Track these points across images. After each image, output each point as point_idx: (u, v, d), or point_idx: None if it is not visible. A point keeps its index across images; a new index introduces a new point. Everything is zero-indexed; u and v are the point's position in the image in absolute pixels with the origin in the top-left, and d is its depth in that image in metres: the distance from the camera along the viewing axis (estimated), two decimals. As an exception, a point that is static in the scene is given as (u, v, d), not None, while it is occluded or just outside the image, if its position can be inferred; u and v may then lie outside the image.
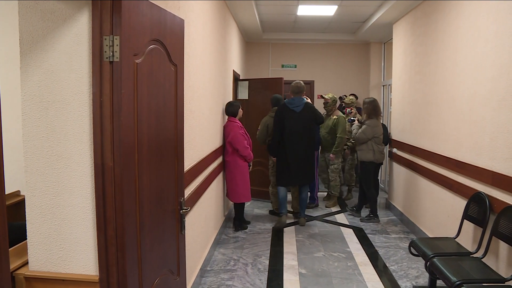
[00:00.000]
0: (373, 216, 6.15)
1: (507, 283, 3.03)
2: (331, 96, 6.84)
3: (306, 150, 5.84)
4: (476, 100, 3.92)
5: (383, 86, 9.17)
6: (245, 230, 5.69)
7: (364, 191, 6.31)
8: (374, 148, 6.02)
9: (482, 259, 3.40)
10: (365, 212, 6.49)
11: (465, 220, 3.90)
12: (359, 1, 6.46)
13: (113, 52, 1.95)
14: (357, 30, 8.73)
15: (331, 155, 6.69)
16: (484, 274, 3.14)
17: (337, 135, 6.63)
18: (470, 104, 4.05)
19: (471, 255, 3.54)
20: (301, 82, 6.05)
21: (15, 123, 2.71)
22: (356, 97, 8.67)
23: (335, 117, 6.71)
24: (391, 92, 7.60)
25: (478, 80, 3.89)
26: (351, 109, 7.10)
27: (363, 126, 6.05)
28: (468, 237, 3.96)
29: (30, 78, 2.00)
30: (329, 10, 7.07)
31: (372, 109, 6.07)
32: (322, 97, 7.04)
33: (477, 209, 3.71)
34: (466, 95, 4.14)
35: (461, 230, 3.94)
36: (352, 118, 6.42)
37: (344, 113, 7.21)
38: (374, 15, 7.15)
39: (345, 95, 8.27)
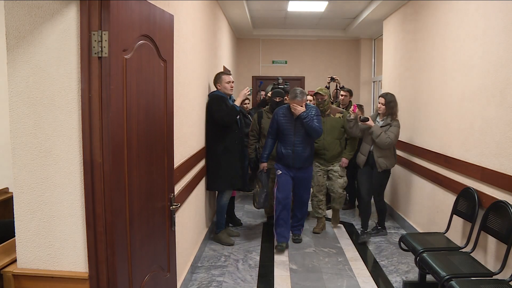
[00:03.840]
0: (381, 228, 5.38)
1: (495, 277, 3.06)
2: (325, 91, 5.31)
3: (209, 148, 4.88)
4: (465, 96, 3.95)
5: (373, 82, 9.21)
6: (237, 226, 5.67)
7: (365, 204, 5.23)
8: (395, 152, 5.16)
9: (471, 254, 3.44)
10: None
11: (454, 215, 3.93)
12: (350, -3, 6.48)
13: (101, 47, 1.93)
14: (347, 26, 8.74)
15: (344, 159, 5.37)
16: (473, 269, 3.17)
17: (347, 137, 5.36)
18: (459, 100, 4.08)
19: (460, 250, 3.58)
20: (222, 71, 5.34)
21: (3, 119, 2.69)
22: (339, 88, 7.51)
23: (339, 115, 5.30)
24: (381, 88, 7.63)
25: (467, 76, 3.92)
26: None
27: (392, 127, 4.90)
28: (457, 232, 3.99)
29: (17, 74, 1.97)
30: (319, 6, 7.08)
31: (396, 107, 5.03)
32: (317, 94, 5.28)
33: (466, 204, 3.74)
34: (456, 91, 4.16)
35: (451, 225, 3.97)
36: (365, 117, 4.97)
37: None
38: (364, 12, 7.16)
39: (336, 78, 6.65)
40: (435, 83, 4.75)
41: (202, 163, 4.62)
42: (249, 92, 4.93)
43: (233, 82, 4.95)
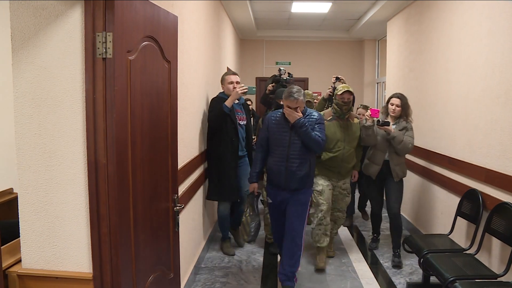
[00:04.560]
0: (399, 251, 4.57)
1: (499, 279, 3.05)
2: (351, 89, 4.29)
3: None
4: (469, 97, 3.94)
5: (377, 83, 9.20)
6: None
7: (379, 218, 4.92)
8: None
9: (475, 256, 3.42)
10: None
11: (458, 217, 3.92)
12: (353, -2, 6.48)
13: (106, 48, 1.93)
14: (351, 27, 8.74)
15: (355, 172, 4.59)
16: (477, 270, 3.16)
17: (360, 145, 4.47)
18: (463, 102, 4.07)
19: (464, 252, 3.56)
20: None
21: (8, 120, 2.70)
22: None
23: (357, 120, 4.40)
24: (385, 89, 7.61)
25: (471, 77, 3.91)
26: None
27: (409, 131, 4.39)
28: (461, 234, 3.98)
29: (22, 75, 1.98)
30: (323, 7, 7.07)
31: (410, 107, 4.52)
32: (345, 92, 4.22)
33: (470, 206, 3.73)
34: (460, 92, 4.15)
35: (455, 227, 3.96)
36: (386, 121, 4.28)
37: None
38: (368, 13, 7.16)
39: (341, 78, 5.12)
40: (439, 84, 4.74)
41: (205, 165, 4.62)
42: (245, 90, 4.27)
43: (237, 82, 4.45)
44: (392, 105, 4.48)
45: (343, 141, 4.23)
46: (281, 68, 4.98)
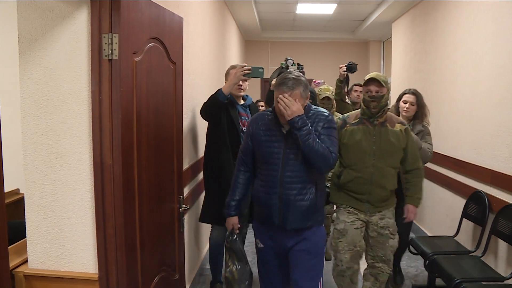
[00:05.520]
0: (399, 270, 4.07)
1: (506, 282, 3.03)
2: (383, 78, 3.01)
3: None
4: (475, 98, 3.92)
5: (382, 84, 9.17)
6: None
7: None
8: None
9: (481, 258, 3.40)
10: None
11: (464, 219, 3.90)
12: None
13: (112, 50, 1.94)
14: (356, 28, 8.73)
15: (411, 207, 3.01)
16: (483, 273, 3.14)
17: (417, 166, 3.01)
18: (469, 103, 4.05)
19: (470, 254, 3.54)
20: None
21: (14, 121, 2.71)
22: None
23: (400, 127, 2.95)
24: (390, 91, 7.60)
25: (477, 78, 3.89)
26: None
27: (427, 137, 3.62)
28: (467, 236, 3.96)
29: (29, 76, 1.99)
30: (328, 9, 7.07)
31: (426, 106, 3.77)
32: (371, 81, 2.96)
33: (476, 208, 3.71)
34: (466, 93, 4.14)
35: (460, 229, 3.94)
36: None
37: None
38: (373, 14, 7.14)
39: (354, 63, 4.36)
40: (445, 85, 4.72)
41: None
42: (248, 71, 3.24)
43: (245, 80, 3.54)
44: (405, 103, 3.68)
45: (373, 155, 2.87)
46: (289, 58, 3.88)
